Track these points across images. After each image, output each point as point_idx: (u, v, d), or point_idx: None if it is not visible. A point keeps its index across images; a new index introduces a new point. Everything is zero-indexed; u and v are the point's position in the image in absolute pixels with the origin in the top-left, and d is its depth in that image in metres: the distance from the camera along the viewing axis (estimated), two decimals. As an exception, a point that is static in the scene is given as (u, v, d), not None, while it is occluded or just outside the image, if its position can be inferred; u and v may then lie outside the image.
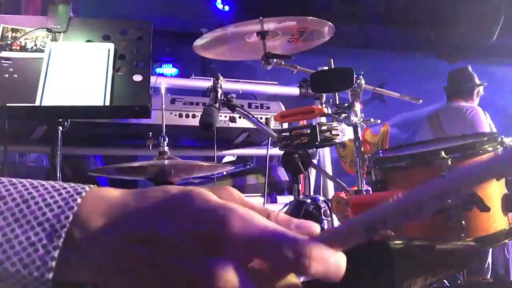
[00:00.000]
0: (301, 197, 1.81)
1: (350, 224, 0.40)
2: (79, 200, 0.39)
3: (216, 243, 0.37)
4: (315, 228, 0.42)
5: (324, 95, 1.96)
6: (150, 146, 2.13)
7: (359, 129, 1.65)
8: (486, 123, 3.69)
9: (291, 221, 0.42)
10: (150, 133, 2.12)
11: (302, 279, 0.42)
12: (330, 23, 2.01)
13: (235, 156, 3.50)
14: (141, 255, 0.37)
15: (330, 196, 2.48)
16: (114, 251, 0.38)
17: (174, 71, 5.73)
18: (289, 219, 0.42)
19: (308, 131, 1.68)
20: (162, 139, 1.88)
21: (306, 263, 0.37)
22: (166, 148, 1.87)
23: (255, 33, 2.03)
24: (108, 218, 0.39)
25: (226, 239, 0.37)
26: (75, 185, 0.41)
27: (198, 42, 2.10)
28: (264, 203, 2.56)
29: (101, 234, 0.38)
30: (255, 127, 1.99)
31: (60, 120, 1.75)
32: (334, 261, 0.38)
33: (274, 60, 1.94)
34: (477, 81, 3.97)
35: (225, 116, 2.57)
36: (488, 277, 2.76)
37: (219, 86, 1.83)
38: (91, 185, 0.41)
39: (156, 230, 0.38)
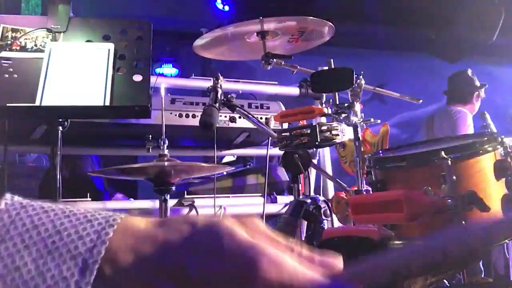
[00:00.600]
0: (301, 197, 1.81)
1: (375, 266, 0.40)
2: (111, 234, 0.38)
3: (245, 285, 0.37)
4: (338, 263, 0.42)
5: (324, 95, 1.97)
6: (150, 149, 2.13)
7: (359, 129, 1.65)
8: (469, 128, 3.68)
9: (314, 258, 0.42)
10: (150, 136, 2.12)
11: None
12: (330, 23, 2.01)
13: (235, 156, 3.50)
14: None
15: (330, 196, 2.48)
16: (142, 286, 0.38)
17: (174, 71, 5.72)
18: (312, 255, 0.42)
19: (308, 131, 1.68)
20: (162, 142, 1.88)
21: None
22: (166, 151, 1.87)
23: (255, 33, 2.03)
24: (137, 253, 0.39)
25: (256, 282, 0.37)
26: (106, 215, 0.40)
27: (198, 42, 2.10)
28: (264, 203, 2.55)
29: (130, 270, 0.38)
30: (255, 127, 1.99)
31: (60, 120, 1.75)
32: None
33: (274, 60, 1.94)
34: (478, 84, 3.94)
35: (225, 116, 2.57)
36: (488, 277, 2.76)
37: (219, 86, 1.83)
38: (121, 215, 0.41)
39: (183, 266, 0.38)
